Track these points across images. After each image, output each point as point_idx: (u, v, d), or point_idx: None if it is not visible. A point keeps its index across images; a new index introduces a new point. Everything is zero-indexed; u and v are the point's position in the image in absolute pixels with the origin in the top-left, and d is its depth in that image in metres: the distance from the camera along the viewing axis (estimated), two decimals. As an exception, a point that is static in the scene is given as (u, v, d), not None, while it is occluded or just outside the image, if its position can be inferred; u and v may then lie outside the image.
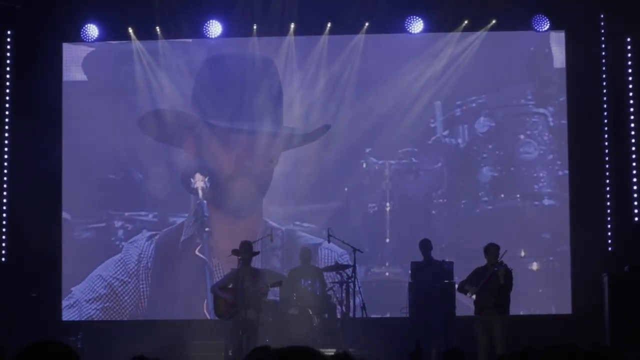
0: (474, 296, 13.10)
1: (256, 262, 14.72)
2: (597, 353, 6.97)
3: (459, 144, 15.95)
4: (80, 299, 15.80)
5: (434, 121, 15.98)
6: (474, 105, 15.97)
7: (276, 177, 15.96)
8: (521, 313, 15.50)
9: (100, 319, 15.76)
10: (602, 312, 14.02)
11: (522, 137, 15.96)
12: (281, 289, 14.54)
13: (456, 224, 15.78)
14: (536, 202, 15.81)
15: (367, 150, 15.96)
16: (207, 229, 15.75)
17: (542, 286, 15.62)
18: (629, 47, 15.62)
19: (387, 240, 15.71)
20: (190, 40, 16.13)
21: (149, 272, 15.81)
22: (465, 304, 13.89)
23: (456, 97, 15.96)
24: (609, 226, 15.49)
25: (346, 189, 15.96)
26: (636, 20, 15.19)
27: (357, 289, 14.24)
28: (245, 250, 13.58)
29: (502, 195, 15.89)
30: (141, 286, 15.80)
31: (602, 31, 15.71)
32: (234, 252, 13.99)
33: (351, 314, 14.26)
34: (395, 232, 15.66)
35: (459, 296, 13.86)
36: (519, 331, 13.42)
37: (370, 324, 14.49)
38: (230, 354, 13.70)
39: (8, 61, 15.97)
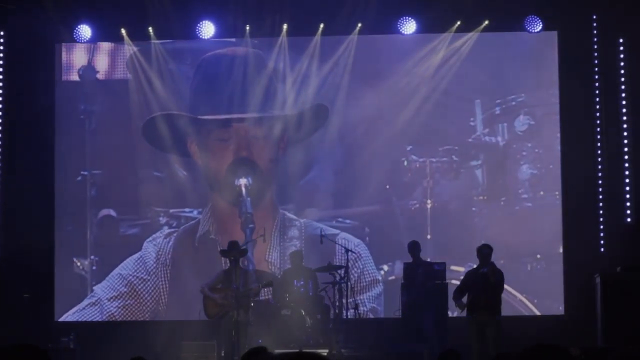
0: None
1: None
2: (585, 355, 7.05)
3: (499, 142, 16.08)
4: (102, 298, 15.91)
5: (474, 119, 16.12)
6: (513, 103, 16.11)
7: (317, 175, 16.11)
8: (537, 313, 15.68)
9: (121, 318, 15.85)
10: (594, 312, 14.09)
11: (560, 135, 16.12)
12: (274, 290, 14.59)
13: (496, 221, 15.88)
14: (575, 200, 15.96)
15: (409, 148, 16.14)
16: (250, 226, 15.89)
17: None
18: (621, 48, 15.60)
19: (428, 236, 15.88)
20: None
21: (167, 270, 15.93)
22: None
23: (496, 96, 16.13)
24: (601, 227, 15.47)
25: (387, 187, 16.14)
26: (629, 21, 15.17)
27: (348, 289, 14.24)
28: (234, 250, 13.63)
29: (542, 193, 16.03)
30: (161, 284, 15.92)
31: (595, 32, 15.67)
32: (223, 252, 14.04)
33: (344, 315, 14.19)
34: (436, 229, 15.83)
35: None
36: (511, 332, 13.36)
37: (362, 324, 14.55)
38: (222, 354, 13.76)
39: (0, 62, 16.09)
